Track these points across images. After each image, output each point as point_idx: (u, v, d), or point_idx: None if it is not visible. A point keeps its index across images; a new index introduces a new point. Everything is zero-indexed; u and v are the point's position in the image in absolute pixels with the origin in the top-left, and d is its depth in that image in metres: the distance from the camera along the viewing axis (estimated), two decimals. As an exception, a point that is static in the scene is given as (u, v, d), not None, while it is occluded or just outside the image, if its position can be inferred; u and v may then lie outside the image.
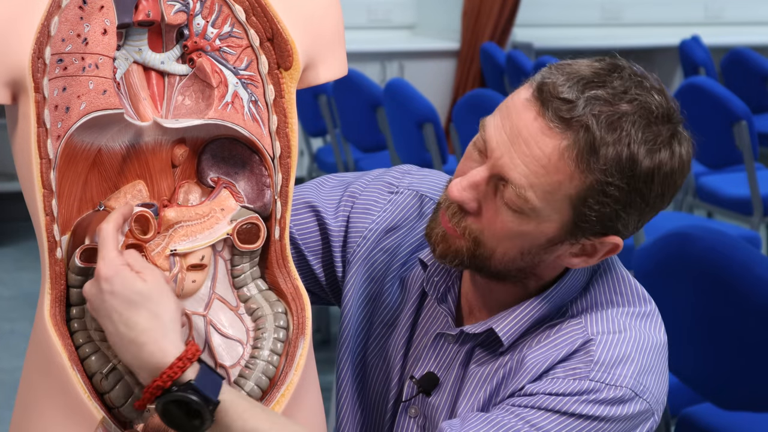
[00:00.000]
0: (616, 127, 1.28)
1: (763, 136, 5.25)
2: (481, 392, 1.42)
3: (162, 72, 1.31)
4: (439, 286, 1.47)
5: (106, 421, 1.23)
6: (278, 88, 1.33)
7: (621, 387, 1.35)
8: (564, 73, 1.32)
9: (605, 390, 1.34)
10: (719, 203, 4.33)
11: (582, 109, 1.28)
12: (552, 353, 1.38)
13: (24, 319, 4.47)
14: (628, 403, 1.35)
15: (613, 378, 1.35)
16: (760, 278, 1.96)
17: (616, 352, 1.36)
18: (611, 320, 1.40)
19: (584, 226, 1.34)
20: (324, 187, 1.59)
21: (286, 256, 1.35)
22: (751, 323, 2.00)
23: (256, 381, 1.30)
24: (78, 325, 1.26)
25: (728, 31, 7.64)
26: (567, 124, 1.28)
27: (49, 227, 1.23)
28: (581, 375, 1.35)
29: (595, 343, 1.37)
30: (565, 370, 1.36)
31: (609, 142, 1.28)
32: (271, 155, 1.33)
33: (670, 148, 1.32)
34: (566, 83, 1.30)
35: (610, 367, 1.35)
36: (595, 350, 1.36)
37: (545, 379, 1.36)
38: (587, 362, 1.36)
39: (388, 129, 4.53)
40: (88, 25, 1.23)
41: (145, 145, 1.31)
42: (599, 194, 1.31)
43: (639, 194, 1.32)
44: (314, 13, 1.36)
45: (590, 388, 1.34)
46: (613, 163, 1.29)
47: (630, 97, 1.30)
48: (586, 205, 1.32)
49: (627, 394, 1.35)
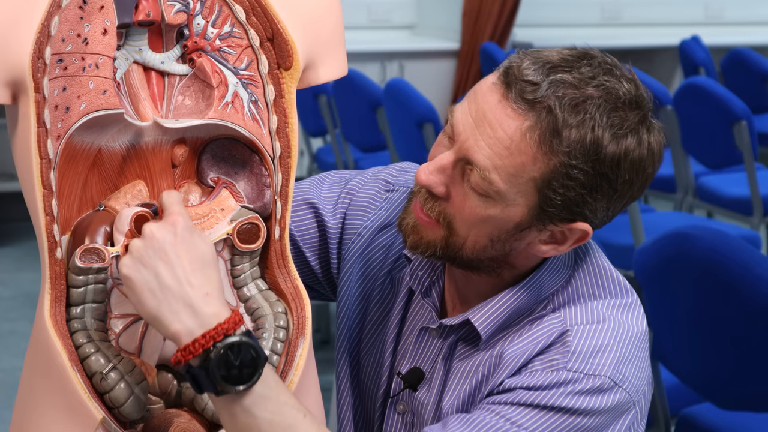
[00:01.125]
0: (579, 110, 1.28)
1: (763, 136, 5.25)
2: (464, 388, 1.41)
3: (162, 72, 1.31)
4: (423, 280, 1.47)
5: (106, 421, 1.23)
6: (278, 88, 1.33)
7: (599, 376, 1.33)
8: (532, 57, 1.32)
9: (583, 380, 1.33)
10: (719, 203, 4.33)
11: (545, 90, 1.28)
12: (530, 346, 1.37)
13: (24, 319, 4.47)
14: (608, 393, 1.33)
15: (590, 367, 1.33)
16: (760, 278, 1.96)
17: (593, 341, 1.35)
18: (590, 311, 1.39)
19: (550, 210, 1.32)
20: (323, 183, 1.60)
21: (286, 256, 1.35)
22: (751, 323, 2.00)
23: (256, 381, 1.30)
24: (78, 325, 1.26)
25: (728, 31, 7.64)
26: (530, 105, 1.28)
27: (49, 227, 1.23)
28: (559, 366, 1.34)
29: (571, 333, 1.36)
30: (543, 363, 1.35)
31: (572, 125, 1.28)
32: (271, 155, 1.33)
33: (638, 135, 1.31)
34: (532, 66, 1.30)
35: (588, 356, 1.34)
36: (572, 341, 1.35)
37: (524, 372, 1.35)
38: (564, 353, 1.35)
39: (388, 129, 4.53)
40: (88, 25, 1.23)
41: (145, 145, 1.31)
42: (563, 177, 1.30)
43: (605, 179, 1.30)
44: (314, 14, 1.36)
45: (568, 378, 1.33)
46: (576, 146, 1.28)
47: (597, 82, 1.30)
48: (551, 188, 1.31)
49: (606, 383, 1.33)
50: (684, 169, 4.42)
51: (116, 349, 1.27)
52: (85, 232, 1.27)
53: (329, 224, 1.56)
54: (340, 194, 1.58)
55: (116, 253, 1.27)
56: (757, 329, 1.99)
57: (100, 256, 1.25)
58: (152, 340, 1.30)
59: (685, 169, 4.43)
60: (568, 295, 1.41)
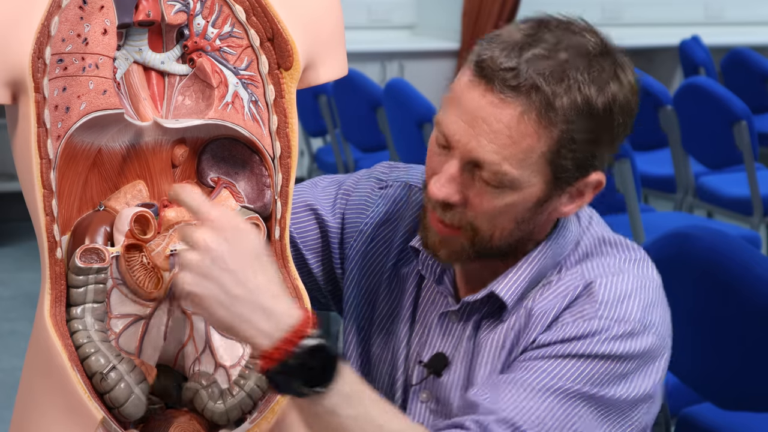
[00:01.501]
0: (562, 77, 1.32)
1: (763, 136, 5.24)
2: (496, 357, 1.43)
3: (162, 72, 1.31)
4: (434, 268, 1.49)
5: (106, 421, 1.23)
6: (278, 88, 1.33)
7: (629, 321, 1.37)
8: (498, 43, 1.34)
9: (615, 326, 1.37)
10: (719, 203, 4.33)
11: (526, 72, 1.31)
12: (557, 301, 1.40)
13: (24, 319, 4.47)
14: (639, 337, 1.38)
15: (620, 313, 1.38)
16: (760, 278, 1.96)
17: (618, 289, 1.40)
18: (607, 265, 1.43)
19: (565, 176, 1.37)
20: (317, 187, 1.61)
21: (286, 256, 1.35)
22: (751, 323, 2.00)
23: (256, 381, 1.29)
24: (78, 325, 1.25)
25: (728, 31, 7.64)
26: (516, 90, 1.31)
27: (49, 227, 1.23)
28: (589, 316, 1.38)
29: (596, 284, 1.40)
30: (573, 315, 1.39)
31: (560, 93, 1.31)
32: (271, 155, 1.33)
33: (618, 79, 1.36)
34: (503, 53, 1.33)
35: (616, 304, 1.38)
36: (598, 290, 1.39)
37: (555, 327, 1.39)
38: (592, 303, 1.39)
39: (388, 129, 4.53)
40: (88, 25, 1.23)
41: (145, 145, 1.31)
42: (569, 143, 1.34)
43: (604, 129, 1.35)
44: (314, 14, 1.36)
45: (600, 327, 1.37)
46: (571, 111, 1.32)
47: (564, 45, 1.33)
48: (561, 156, 1.34)
49: (636, 328, 1.37)
50: (684, 169, 4.42)
51: (116, 349, 1.27)
52: (85, 232, 1.27)
53: (330, 224, 1.57)
54: (336, 195, 1.58)
55: (116, 253, 1.27)
56: (757, 329, 1.99)
57: (100, 256, 1.25)
58: (152, 340, 1.30)
59: (685, 169, 4.42)
60: (579, 255, 1.45)
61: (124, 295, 1.28)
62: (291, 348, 1.18)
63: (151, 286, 1.29)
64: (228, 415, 1.29)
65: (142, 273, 1.29)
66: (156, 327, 1.30)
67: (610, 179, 2.93)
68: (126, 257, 1.28)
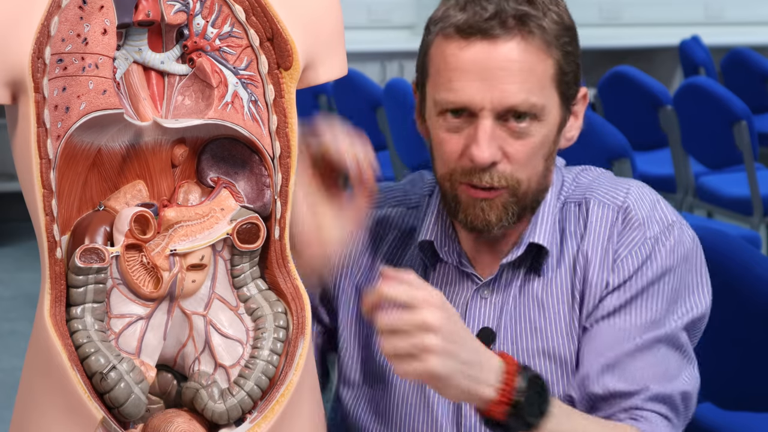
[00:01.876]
0: (535, 3, 1.41)
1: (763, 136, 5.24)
2: (566, 305, 1.49)
3: (162, 72, 1.31)
4: (452, 253, 1.53)
5: (106, 421, 1.23)
6: (278, 88, 1.33)
7: (671, 224, 1.49)
8: (459, 7, 1.42)
9: (665, 234, 1.48)
10: (719, 203, 4.33)
11: (508, 7, 1.40)
12: (604, 240, 1.48)
13: (24, 319, 4.47)
14: (683, 231, 1.50)
15: (662, 222, 1.49)
16: (760, 278, 1.96)
17: (646, 202, 1.50)
18: (615, 187, 1.51)
19: (569, 93, 1.47)
20: None
21: (285, 256, 1.35)
22: (751, 323, 2.00)
23: (256, 381, 1.30)
24: (78, 325, 1.25)
25: (728, 31, 7.64)
26: (509, 27, 1.40)
27: (49, 227, 1.23)
28: (640, 242, 1.48)
29: (630, 208, 1.49)
30: (627, 248, 1.48)
31: (541, 16, 1.41)
32: (270, 155, 1.33)
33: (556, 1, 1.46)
34: (474, 7, 1.41)
35: (653, 216, 1.49)
36: (635, 213, 1.48)
37: (617, 268, 1.47)
38: (637, 227, 1.48)
39: (388, 129, 4.53)
40: (88, 25, 1.23)
41: (145, 145, 1.31)
42: (565, 58, 1.44)
43: (575, 38, 1.46)
44: (314, 13, 1.36)
45: (654, 245, 1.47)
46: (556, 28, 1.42)
47: None
48: (564, 74, 1.44)
49: (676, 224, 1.49)
50: (684, 169, 4.42)
51: (116, 349, 1.27)
52: (85, 232, 1.27)
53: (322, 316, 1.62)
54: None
55: (116, 253, 1.27)
56: (757, 329, 1.99)
57: (100, 256, 1.25)
58: (152, 340, 1.30)
59: (685, 169, 4.43)
60: (584, 189, 1.53)
61: (124, 295, 1.28)
62: (512, 386, 1.28)
63: (151, 286, 1.29)
64: (228, 415, 1.29)
65: (142, 273, 1.29)
66: (156, 327, 1.30)
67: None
68: (126, 257, 1.28)
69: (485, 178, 1.42)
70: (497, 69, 1.39)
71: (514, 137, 1.42)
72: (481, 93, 1.40)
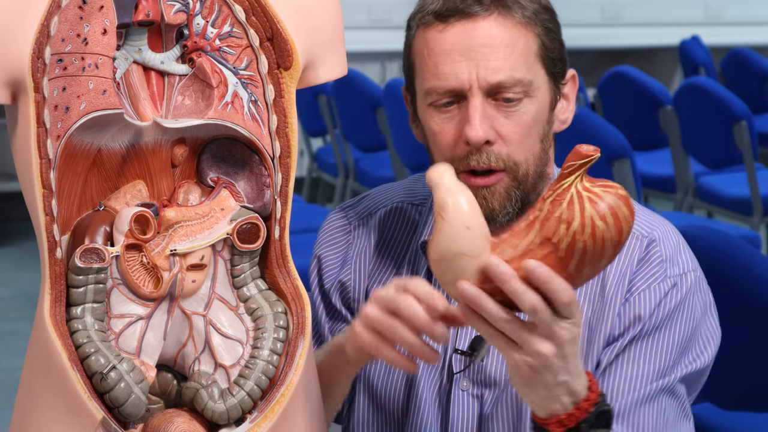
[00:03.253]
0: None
1: (763, 136, 5.25)
2: None
3: (162, 72, 1.31)
4: None
5: (106, 421, 1.23)
6: (278, 88, 1.33)
7: (692, 269, 1.46)
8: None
9: (683, 278, 1.45)
10: (719, 203, 4.33)
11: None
12: (622, 261, 1.45)
13: (24, 319, 4.47)
14: (701, 279, 1.48)
15: (684, 265, 1.46)
16: (760, 278, 1.96)
17: (672, 241, 1.47)
18: (643, 217, 1.48)
19: (557, 70, 1.46)
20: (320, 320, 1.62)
21: (285, 256, 1.35)
22: (751, 323, 2.00)
23: (256, 381, 1.30)
24: (78, 325, 1.26)
25: (728, 31, 7.64)
26: (483, 3, 1.41)
27: (49, 227, 1.23)
28: (659, 278, 1.44)
29: (656, 242, 1.46)
30: (645, 281, 1.44)
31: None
32: (270, 155, 1.33)
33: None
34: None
35: (676, 255, 1.46)
36: (660, 249, 1.45)
37: (632, 299, 1.44)
38: (659, 263, 1.45)
39: (388, 129, 4.53)
40: (88, 25, 1.23)
41: (145, 145, 1.31)
42: (548, 34, 1.44)
43: (555, 19, 1.46)
44: (314, 13, 1.36)
45: (671, 285, 1.44)
46: (534, 5, 1.43)
47: None
48: (548, 50, 1.44)
49: (697, 272, 1.47)
50: (684, 169, 4.42)
51: (116, 349, 1.27)
52: (85, 232, 1.27)
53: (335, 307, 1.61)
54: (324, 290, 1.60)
55: (116, 253, 1.27)
56: (757, 329, 1.99)
57: (100, 256, 1.25)
58: (152, 340, 1.30)
59: (685, 169, 4.43)
60: None
61: (124, 295, 1.28)
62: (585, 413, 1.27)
63: (151, 286, 1.29)
64: (228, 415, 1.29)
65: (142, 273, 1.29)
66: (156, 327, 1.30)
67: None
68: (126, 257, 1.28)
69: (483, 159, 1.42)
70: (479, 46, 1.40)
71: (506, 116, 1.42)
72: (467, 72, 1.40)
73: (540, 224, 1.20)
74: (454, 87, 1.41)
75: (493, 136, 1.41)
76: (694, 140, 4.34)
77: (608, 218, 1.17)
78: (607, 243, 1.18)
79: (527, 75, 1.41)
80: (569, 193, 1.19)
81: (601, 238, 1.18)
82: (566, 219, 1.18)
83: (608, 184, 1.20)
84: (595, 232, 1.17)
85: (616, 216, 1.18)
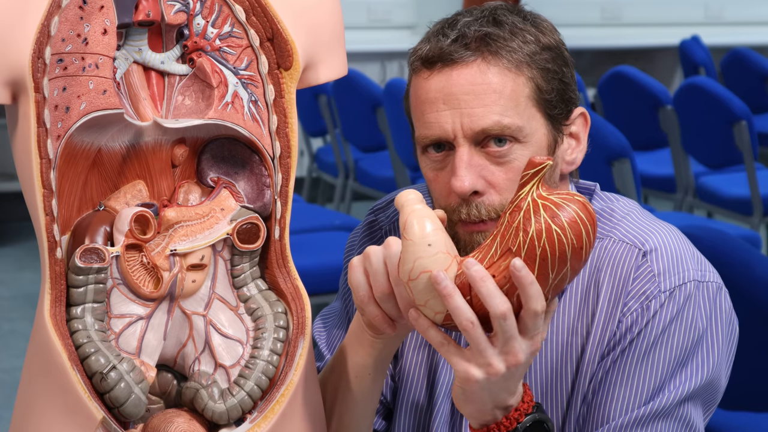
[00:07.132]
0: (502, 23, 1.37)
1: (763, 136, 5.25)
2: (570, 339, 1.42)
3: (162, 72, 1.32)
4: None
5: (106, 421, 1.24)
6: (278, 88, 1.33)
7: (686, 283, 1.38)
8: (425, 40, 1.39)
9: (676, 293, 1.37)
10: (719, 203, 4.33)
11: (469, 31, 1.36)
12: (616, 276, 1.40)
13: (24, 319, 4.48)
14: (702, 289, 1.39)
15: (678, 279, 1.38)
16: (760, 278, 1.96)
17: (670, 251, 1.40)
18: (641, 225, 1.42)
19: (556, 113, 1.39)
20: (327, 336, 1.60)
21: (285, 256, 1.35)
22: (751, 323, 2.00)
23: (256, 381, 1.30)
24: (78, 325, 1.26)
25: (728, 31, 7.65)
26: (470, 48, 1.36)
27: (49, 227, 1.23)
28: (652, 294, 1.37)
29: (649, 256, 1.39)
30: (637, 299, 1.38)
31: (508, 37, 1.36)
32: (271, 155, 1.33)
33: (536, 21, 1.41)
34: (438, 35, 1.38)
35: (671, 271, 1.38)
36: (653, 262, 1.39)
37: (624, 318, 1.38)
38: (651, 279, 1.38)
39: (388, 129, 4.53)
40: (88, 25, 1.24)
41: (145, 145, 1.31)
42: (544, 75, 1.38)
43: (563, 63, 1.40)
44: (314, 13, 1.36)
45: (664, 300, 1.37)
46: (529, 46, 1.37)
47: (486, 8, 1.40)
48: (544, 92, 1.38)
49: (694, 284, 1.38)
50: (684, 169, 4.42)
51: (116, 349, 1.27)
52: (85, 232, 1.27)
53: None
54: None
55: (116, 253, 1.27)
56: (757, 329, 1.99)
57: (100, 256, 1.25)
58: (152, 340, 1.30)
59: (685, 169, 4.43)
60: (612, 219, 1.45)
61: (124, 295, 1.28)
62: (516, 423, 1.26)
63: (151, 286, 1.29)
64: (228, 415, 1.29)
65: (142, 273, 1.29)
66: (156, 327, 1.30)
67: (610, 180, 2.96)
68: (126, 257, 1.28)
69: (473, 212, 1.37)
70: (461, 94, 1.35)
71: (496, 163, 1.37)
72: (451, 121, 1.36)
73: (501, 236, 1.21)
74: (440, 136, 1.37)
75: (482, 186, 1.36)
76: (694, 140, 4.34)
77: (564, 223, 1.18)
78: (566, 248, 1.18)
79: (517, 120, 1.35)
80: (525, 202, 1.20)
81: (559, 242, 1.18)
82: (523, 227, 1.19)
83: (565, 192, 1.21)
84: (552, 237, 1.18)
85: (573, 221, 1.18)
